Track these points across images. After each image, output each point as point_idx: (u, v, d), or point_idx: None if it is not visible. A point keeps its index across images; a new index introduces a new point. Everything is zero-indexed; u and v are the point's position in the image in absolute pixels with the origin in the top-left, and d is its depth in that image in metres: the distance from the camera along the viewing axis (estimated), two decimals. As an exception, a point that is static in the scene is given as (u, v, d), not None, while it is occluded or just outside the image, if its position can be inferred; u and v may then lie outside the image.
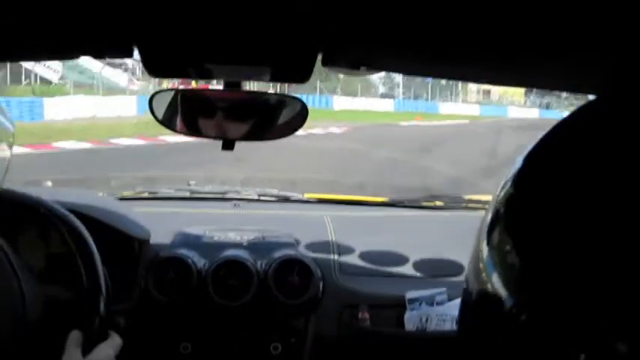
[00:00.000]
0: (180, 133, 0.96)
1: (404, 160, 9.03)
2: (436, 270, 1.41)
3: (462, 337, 0.36)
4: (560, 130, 0.34)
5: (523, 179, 0.34)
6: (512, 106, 29.87)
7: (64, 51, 0.67)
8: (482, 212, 1.46)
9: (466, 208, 1.76)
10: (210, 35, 0.57)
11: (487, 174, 7.13)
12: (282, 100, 0.94)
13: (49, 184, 1.96)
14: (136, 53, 0.61)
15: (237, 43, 0.58)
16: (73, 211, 1.03)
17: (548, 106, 27.94)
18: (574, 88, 0.71)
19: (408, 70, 0.76)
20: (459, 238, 1.54)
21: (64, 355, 0.89)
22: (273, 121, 0.93)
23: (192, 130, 0.95)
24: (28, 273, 0.97)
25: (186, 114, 0.95)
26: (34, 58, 0.85)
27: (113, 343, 0.94)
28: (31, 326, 0.88)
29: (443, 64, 0.65)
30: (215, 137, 0.92)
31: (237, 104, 0.92)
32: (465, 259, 1.44)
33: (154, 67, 0.63)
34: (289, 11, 0.51)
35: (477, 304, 0.34)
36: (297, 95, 0.96)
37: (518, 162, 0.34)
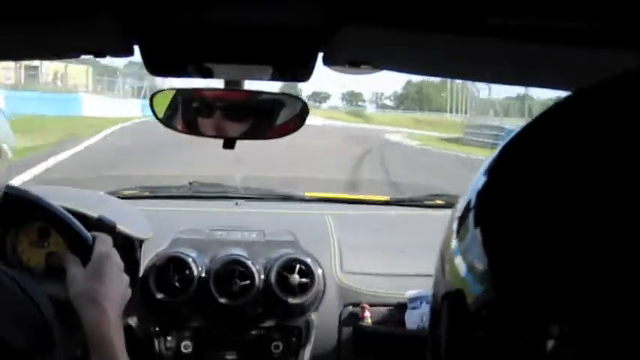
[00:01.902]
0: (181, 132, 0.96)
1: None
2: None
3: (434, 343, 0.36)
4: (540, 121, 0.33)
5: (497, 169, 0.33)
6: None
7: (65, 50, 0.67)
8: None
9: None
10: (211, 34, 0.57)
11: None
12: (283, 100, 0.94)
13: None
14: (137, 52, 0.61)
15: (238, 41, 0.58)
16: (72, 211, 1.03)
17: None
18: (575, 87, 0.71)
19: (409, 69, 0.76)
20: None
21: (67, 271, 0.92)
22: (273, 120, 0.93)
23: (192, 129, 0.95)
24: (28, 275, 0.97)
25: (186, 113, 0.95)
26: (35, 57, 0.85)
27: (103, 242, 0.96)
28: (49, 326, 0.89)
29: (444, 63, 0.65)
30: (216, 136, 0.92)
31: (237, 103, 0.91)
32: None
33: (154, 66, 0.63)
34: (290, 10, 0.51)
35: (448, 305, 0.34)
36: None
37: (494, 152, 0.34)
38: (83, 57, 0.66)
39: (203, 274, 1.30)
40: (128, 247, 1.35)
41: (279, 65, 0.65)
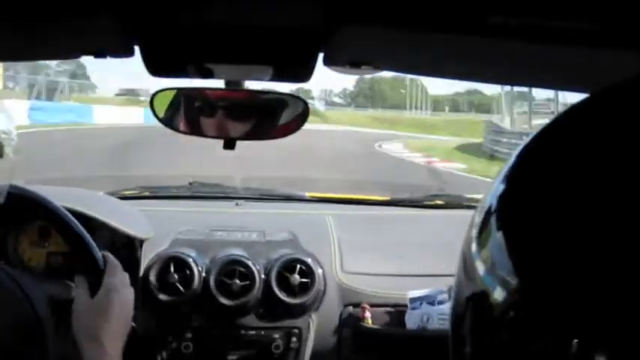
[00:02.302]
0: (183, 132, 0.96)
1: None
2: (437, 269, 1.41)
3: (456, 344, 0.36)
4: (558, 123, 0.33)
5: (516, 175, 0.33)
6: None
7: (65, 50, 0.67)
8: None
9: (467, 206, 1.76)
10: (212, 34, 0.57)
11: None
12: (284, 100, 0.94)
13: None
14: (137, 52, 0.61)
15: (239, 42, 0.58)
16: (73, 211, 1.03)
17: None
18: (575, 87, 0.71)
19: (409, 70, 0.76)
20: (461, 237, 1.55)
21: (74, 299, 0.90)
22: (274, 120, 0.93)
23: (195, 129, 0.95)
24: (28, 274, 0.97)
25: (187, 113, 0.95)
26: (35, 57, 0.85)
27: (115, 270, 0.94)
28: (43, 325, 0.89)
29: (444, 63, 0.65)
30: (217, 137, 0.92)
31: (238, 103, 0.91)
32: None
33: (154, 66, 0.63)
34: (290, 10, 0.51)
35: (472, 307, 0.34)
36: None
37: (512, 158, 0.34)
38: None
39: (203, 274, 1.30)
40: (128, 247, 1.35)
41: (280, 66, 0.65)
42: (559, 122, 0.33)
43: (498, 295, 0.30)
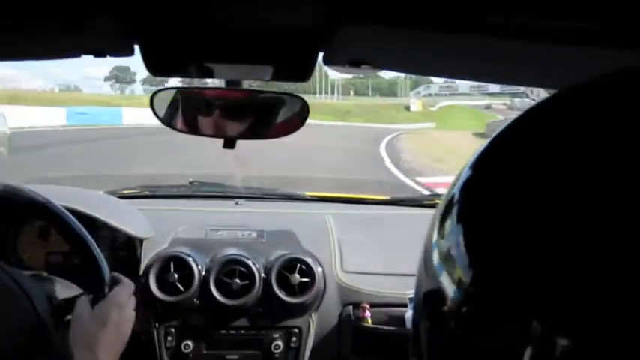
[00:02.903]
0: (182, 131, 0.96)
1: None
2: None
3: (415, 339, 0.36)
4: (526, 117, 0.33)
5: (481, 164, 0.33)
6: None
7: (65, 50, 0.67)
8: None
9: None
10: (212, 34, 0.57)
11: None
12: (284, 99, 0.94)
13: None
14: (137, 52, 0.61)
15: (239, 41, 0.58)
16: (73, 210, 1.03)
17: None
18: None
19: (409, 69, 0.76)
20: None
21: (75, 308, 0.90)
22: (274, 119, 0.93)
23: (193, 128, 0.95)
24: (28, 275, 0.96)
25: (187, 113, 0.95)
26: (35, 57, 0.85)
27: (124, 289, 0.94)
28: (45, 325, 0.89)
29: (445, 63, 0.65)
30: (217, 136, 0.91)
31: (238, 103, 0.91)
32: None
33: (154, 66, 0.63)
34: (290, 10, 0.51)
35: (429, 302, 0.33)
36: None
37: (480, 147, 0.34)
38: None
39: (203, 274, 1.30)
40: (128, 246, 1.35)
41: (280, 65, 0.65)
42: (528, 116, 0.33)
43: (454, 289, 0.30)
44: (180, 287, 1.28)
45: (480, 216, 0.30)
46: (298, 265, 1.32)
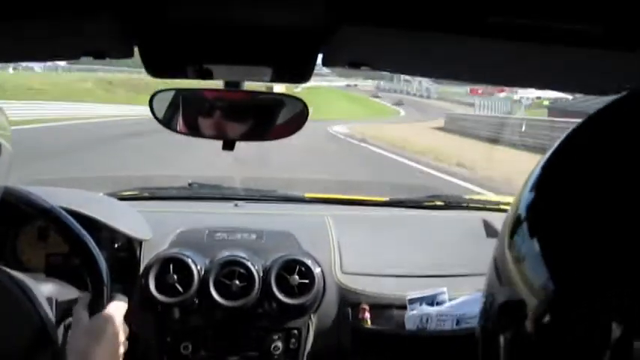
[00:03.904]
0: (181, 133, 0.96)
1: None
2: (437, 270, 1.41)
3: (488, 350, 0.36)
4: (587, 127, 0.34)
5: (545, 183, 0.34)
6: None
7: (65, 51, 0.67)
8: (483, 212, 1.45)
9: (467, 207, 1.76)
10: (211, 35, 0.57)
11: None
12: (283, 100, 0.94)
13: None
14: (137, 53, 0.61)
15: (238, 42, 0.58)
16: (72, 212, 1.03)
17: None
18: (574, 88, 0.71)
19: (408, 70, 0.76)
20: (460, 237, 1.55)
21: (72, 316, 0.91)
22: (273, 121, 0.93)
23: (192, 130, 0.95)
24: (28, 275, 0.96)
25: (186, 114, 0.95)
26: (36, 58, 0.85)
27: (119, 304, 0.95)
28: (47, 326, 0.89)
29: (444, 64, 0.65)
30: (218, 137, 0.91)
31: (237, 104, 0.91)
32: (465, 258, 1.44)
33: (154, 67, 0.63)
34: (290, 11, 0.51)
35: (506, 314, 0.34)
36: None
37: (538, 167, 0.35)
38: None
39: (202, 275, 1.30)
40: (128, 248, 1.35)
41: (279, 66, 0.65)
42: (584, 129, 0.34)
43: (534, 301, 0.31)
44: (180, 289, 1.28)
45: (556, 227, 0.31)
46: (297, 266, 1.32)
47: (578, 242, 0.29)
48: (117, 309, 0.94)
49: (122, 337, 0.93)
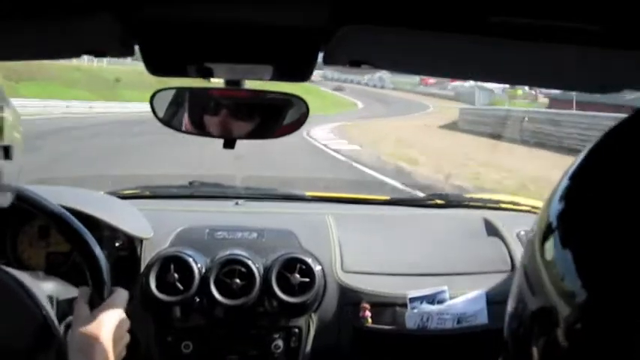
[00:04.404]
0: (185, 132, 0.95)
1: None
2: (437, 268, 1.41)
3: (517, 353, 0.37)
4: (615, 137, 0.34)
5: (575, 194, 0.34)
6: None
7: (65, 50, 0.67)
8: (484, 211, 1.44)
9: (467, 206, 1.76)
10: (212, 33, 0.56)
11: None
12: (284, 99, 0.94)
13: None
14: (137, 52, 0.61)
15: (239, 41, 0.58)
16: (73, 210, 1.03)
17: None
18: (575, 87, 0.71)
19: (409, 69, 0.76)
20: (460, 236, 1.55)
21: (74, 310, 0.91)
22: (275, 119, 0.93)
23: (198, 129, 0.95)
24: (28, 274, 0.97)
25: (187, 113, 0.95)
26: (35, 57, 0.85)
27: (120, 296, 0.95)
28: (50, 325, 0.90)
29: (446, 63, 0.65)
30: (217, 136, 0.91)
31: (239, 103, 0.91)
32: (465, 257, 1.44)
33: (154, 66, 0.63)
34: (291, 9, 0.51)
35: (537, 322, 0.34)
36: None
37: (566, 177, 0.35)
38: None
39: (203, 274, 1.30)
40: (129, 246, 1.35)
41: (280, 65, 0.65)
42: (612, 137, 0.34)
43: (566, 309, 0.31)
44: (180, 287, 1.28)
45: (588, 236, 0.32)
46: (298, 265, 1.32)
47: (610, 251, 0.30)
48: (118, 300, 0.94)
49: (124, 328, 0.93)
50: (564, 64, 0.56)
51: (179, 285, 1.28)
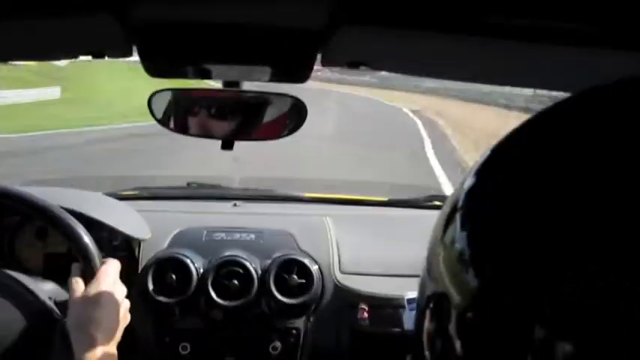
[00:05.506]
0: (180, 133, 0.95)
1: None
2: None
3: (417, 341, 0.36)
4: (531, 125, 0.34)
5: (486, 171, 0.33)
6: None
7: (63, 51, 0.66)
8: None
9: None
10: (210, 35, 0.56)
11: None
12: (284, 100, 0.94)
13: None
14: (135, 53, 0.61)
15: (237, 42, 0.58)
16: (71, 211, 1.03)
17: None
18: (574, 88, 0.71)
19: (407, 70, 0.76)
20: None
21: (69, 287, 0.90)
22: (275, 120, 0.93)
23: (183, 129, 0.95)
24: (26, 275, 0.96)
25: (185, 114, 0.95)
26: (34, 58, 0.85)
27: (111, 265, 0.94)
28: (51, 315, 0.89)
29: (445, 64, 0.65)
30: (205, 136, 0.91)
31: (224, 102, 0.91)
32: None
33: (153, 67, 0.63)
34: (289, 11, 0.51)
35: (431, 307, 0.34)
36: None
37: (486, 152, 0.34)
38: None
39: (201, 275, 1.30)
40: (126, 247, 1.35)
41: (278, 66, 0.65)
42: (534, 121, 0.33)
43: (459, 294, 0.30)
44: (178, 288, 1.28)
45: (485, 222, 0.31)
46: (296, 266, 1.32)
47: (507, 237, 0.29)
48: (110, 269, 0.93)
49: (121, 295, 0.92)
50: (564, 65, 0.56)
51: (177, 286, 1.28)
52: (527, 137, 0.33)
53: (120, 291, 0.92)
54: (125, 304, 0.93)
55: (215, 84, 0.90)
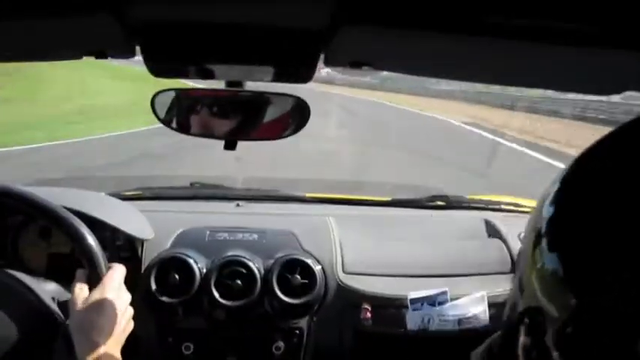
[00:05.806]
0: (182, 132, 0.96)
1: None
2: (438, 270, 1.41)
3: (508, 354, 0.37)
4: (600, 148, 0.34)
5: (565, 198, 0.34)
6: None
7: (66, 51, 0.67)
8: (485, 212, 1.44)
9: (468, 207, 1.76)
10: (213, 35, 0.57)
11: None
12: (287, 99, 0.94)
13: None
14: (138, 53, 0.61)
15: (240, 42, 0.58)
16: (75, 211, 1.03)
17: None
18: (574, 88, 0.71)
19: (410, 70, 0.76)
20: (461, 237, 1.55)
21: (72, 292, 0.90)
22: (277, 120, 0.93)
23: (185, 129, 0.95)
24: (30, 275, 0.97)
25: (187, 114, 0.95)
26: (35, 58, 0.85)
27: (117, 271, 0.94)
28: (52, 312, 0.90)
29: (447, 64, 0.65)
30: (205, 135, 0.91)
31: (240, 103, 0.91)
32: (466, 258, 1.44)
33: (155, 67, 0.63)
34: (292, 11, 0.51)
35: (525, 322, 0.34)
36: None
37: (556, 182, 0.35)
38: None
39: (204, 275, 1.30)
40: (129, 247, 1.35)
41: (281, 66, 0.65)
42: (601, 146, 0.34)
43: (554, 311, 0.31)
44: (181, 289, 1.28)
45: (573, 247, 0.32)
46: (299, 266, 1.32)
47: (597, 257, 0.30)
48: (115, 275, 0.93)
49: (125, 302, 0.92)
50: (564, 65, 0.56)
51: (180, 286, 1.28)
52: (613, 150, 0.34)
53: (124, 298, 0.92)
54: (129, 311, 0.93)
55: (219, 86, 0.90)
